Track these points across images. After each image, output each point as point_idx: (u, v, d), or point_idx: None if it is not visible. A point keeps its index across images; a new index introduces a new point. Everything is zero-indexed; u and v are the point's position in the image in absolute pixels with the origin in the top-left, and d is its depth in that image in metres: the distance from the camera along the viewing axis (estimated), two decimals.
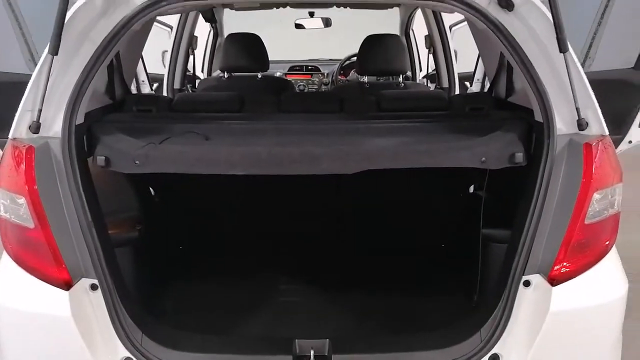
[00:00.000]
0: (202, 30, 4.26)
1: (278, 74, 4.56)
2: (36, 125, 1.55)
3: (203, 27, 4.29)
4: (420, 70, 4.44)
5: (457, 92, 3.60)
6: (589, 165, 1.54)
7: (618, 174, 1.61)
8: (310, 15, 4.56)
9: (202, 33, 4.30)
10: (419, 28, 4.28)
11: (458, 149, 1.74)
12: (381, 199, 2.53)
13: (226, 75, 3.28)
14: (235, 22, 4.49)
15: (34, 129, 1.55)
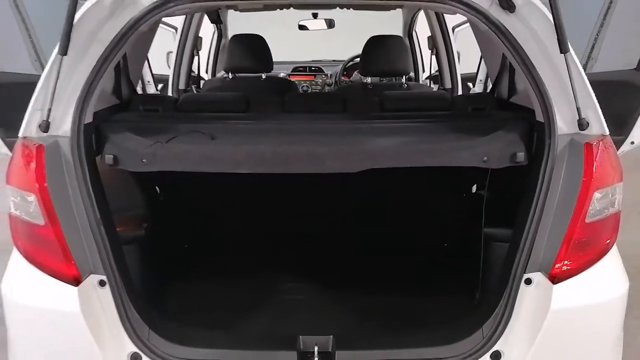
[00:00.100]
0: (206, 31, 4.28)
1: (282, 75, 4.58)
2: (46, 124, 1.57)
3: (207, 28, 4.31)
4: (423, 71, 4.46)
5: (459, 92, 3.62)
6: (590, 164, 1.56)
7: (618, 173, 1.63)
8: (314, 16, 4.57)
9: (206, 34, 4.32)
10: (422, 29, 4.31)
11: (460, 148, 1.76)
12: (383, 199, 2.55)
13: (230, 76, 3.31)
14: (239, 23, 4.51)
15: (43, 127, 1.57)
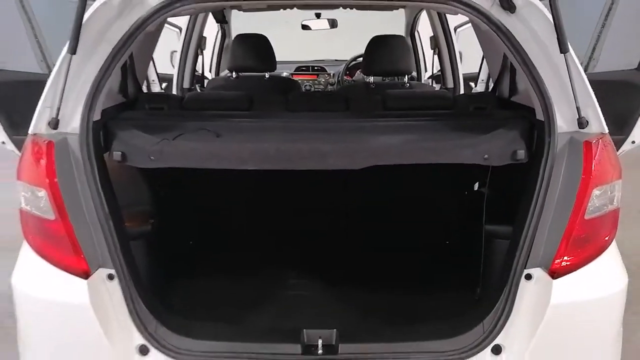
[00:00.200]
0: (209, 31, 4.31)
1: (285, 74, 4.61)
2: (55, 122, 1.60)
3: (210, 28, 4.34)
4: (425, 70, 4.49)
5: (461, 92, 3.65)
6: (589, 162, 1.58)
7: (617, 171, 1.65)
8: (317, 16, 4.61)
9: (209, 34, 4.35)
10: (424, 29, 4.33)
11: (462, 146, 1.79)
12: (386, 197, 2.57)
13: (234, 75, 3.34)
14: (242, 23, 4.54)
15: (53, 125, 1.61)
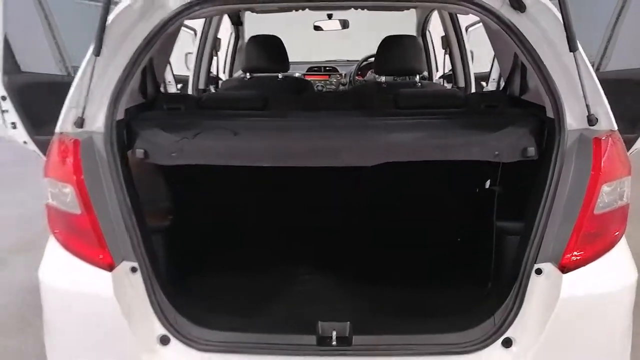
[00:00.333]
0: (222, 33, 4.38)
1: (297, 75, 4.66)
2: (81, 121, 1.67)
3: (223, 30, 4.41)
4: (437, 70, 4.51)
5: (473, 91, 3.67)
6: (598, 158, 1.61)
7: (627, 168, 1.67)
8: (329, 17, 4.66)
9: (222, 36, 4.42)
10: (435, 29, 4.36)
11: (473, 143, 1.82)
12: (397, 195, 2.62)
13: (248, 76, 3.40)
14: (254, 24, 4.61)
15: (78, 124, 1.67)
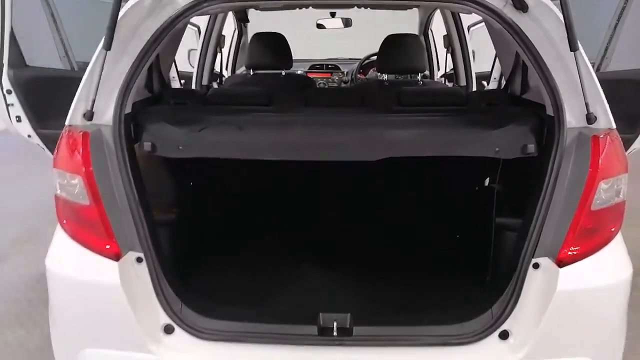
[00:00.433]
0: (225, 30, 4.41)
1: (299, 72, 4.70)
2: (90, 114, 1.70)
3: (226, 26, 4.43)
4: (438, 69, 4.55)
5: (474, 90, 3.71)
6: (596, 156, 1.64)
7: (624, 165, 1.70)
8: (332, 15, 4.69)
9: (225, 33, 4.45)
10: (437, 28, 4.39)
11: (474, 139, 1.86)
12: (399, 191, 2.66)
13: (252, 73, 3.43)
14: (257, 21, 4.64)
15: (88, 117, 1.70)
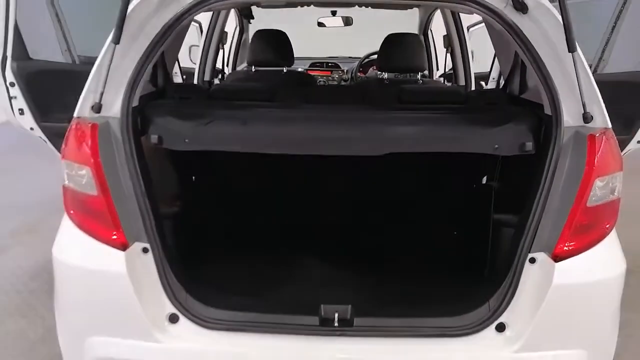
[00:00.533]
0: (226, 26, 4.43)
1: (299, 70, 4.74)
2: (98, 106, 1.72)
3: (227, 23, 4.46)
4: (437, 69, 4.59)
5: (473, 89, 3.76)
6: (593, 154, 1.68)
7: (619, 163, 1.75)
8: (332, 14, 4.73)
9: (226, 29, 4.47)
10: (436, 28, 4.44)
11: (474, 136, 1.91)
12: (400, 188, 2.70)
13: (254, 69, 3.47)
14: (258, 18, 4.67)
15: (96, 109, 1.73)
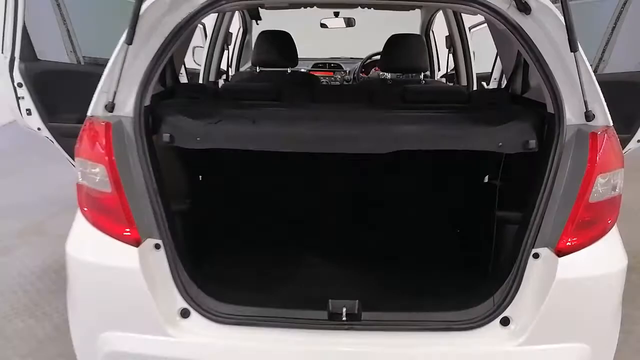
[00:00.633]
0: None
1: (302, 70, 4.78)
2: (111, 105, 1.76)
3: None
4: (439, 69, 4.63)
5: (475, 89, 3.80)
6: (594, 151, 1.72)
7: (620, 161, 1.79)
8: (335, 15, 4.77)
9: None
10: (438, 29, 4.48)
11: (478, 135, 1.95)
12: (405, 186, 2.75)
13: (258, 70, 3.51)
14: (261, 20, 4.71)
15: (109, 108, 1.76)
